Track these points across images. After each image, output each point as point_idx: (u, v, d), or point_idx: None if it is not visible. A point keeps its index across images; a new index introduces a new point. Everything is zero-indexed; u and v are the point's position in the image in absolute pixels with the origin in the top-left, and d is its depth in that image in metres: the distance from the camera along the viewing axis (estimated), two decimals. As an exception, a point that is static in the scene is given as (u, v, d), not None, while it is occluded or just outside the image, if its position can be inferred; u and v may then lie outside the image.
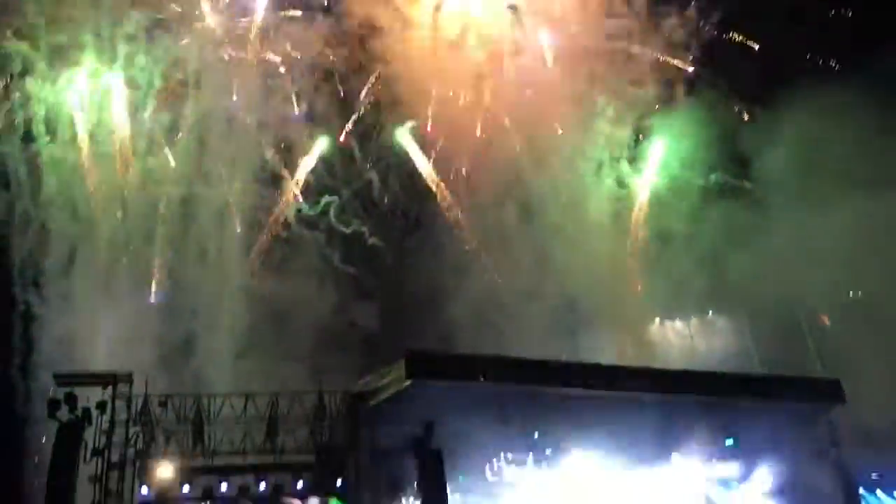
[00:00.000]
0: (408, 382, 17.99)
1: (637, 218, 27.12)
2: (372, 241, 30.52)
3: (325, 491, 18.45)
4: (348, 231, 30.71)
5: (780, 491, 20.77)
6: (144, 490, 17.20)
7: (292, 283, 27.08)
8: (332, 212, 31.12)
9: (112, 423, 16.73)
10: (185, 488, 17.47)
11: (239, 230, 28.50)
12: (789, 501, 20.77)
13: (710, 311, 26.05)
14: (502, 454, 20.01)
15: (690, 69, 29.25)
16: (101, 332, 23.60)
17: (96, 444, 16.44)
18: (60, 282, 25.63)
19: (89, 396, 16.62)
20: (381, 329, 27.08)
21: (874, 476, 22.08)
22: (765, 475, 20.73)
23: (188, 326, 24.63)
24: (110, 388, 17.02)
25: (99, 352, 22.94)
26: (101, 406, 16.54)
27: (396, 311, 27.20)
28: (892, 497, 22.50)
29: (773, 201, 25.04)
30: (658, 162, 28.11)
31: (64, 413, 16.00)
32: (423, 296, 26.61)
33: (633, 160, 28.50)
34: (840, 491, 20.29)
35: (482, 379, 18.65)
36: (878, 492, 22.19)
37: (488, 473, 20.12)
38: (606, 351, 22.75)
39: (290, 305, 25.96)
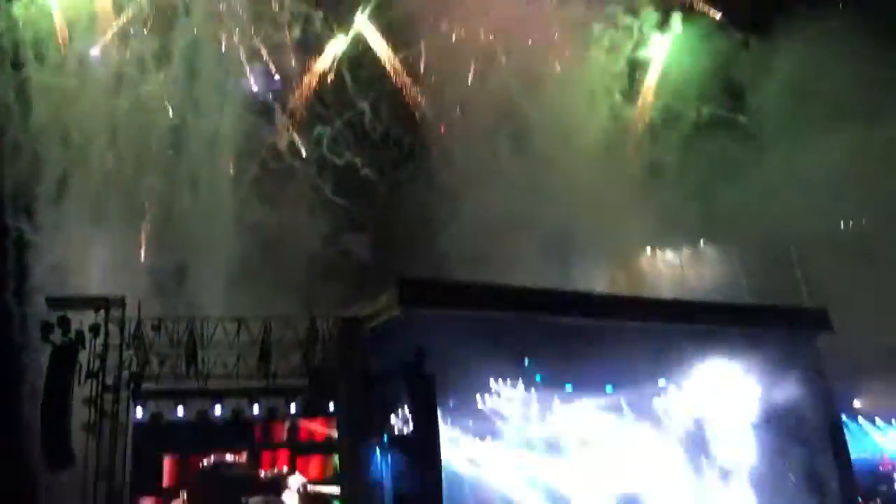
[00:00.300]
0: (399, 309, 18.06)
1: (631, 147, 27.05)
2: (364, 172, 30.44)
3: (317, 411, 18.86)
4: (340, 162, 30.58)
5: (764, 418, 21.26)
6: (139, 412, 17.50)
7: (284, 212, 27.07)
8: (324, 143, 30.96)
9: (105, 346, 16.87)
10: (179, 411, 17.75)
11: (230, 160, 28.37)
12: (773, 428, 21.27)
13: (702, 242, 26.19)
14: (493, 380, 20.34)
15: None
16: (94, 260, 23.63)
17: (90, 367, 16.61)
18: (53, 209, 25.62)
19: (82, 320, 16.75)
20: (373, 259, 27.20)
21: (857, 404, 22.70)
22: (749, 402, 21.22)
23: (180, 254, 24.70)
24: (103, 312, 17.17)
25: (92, 279, 22.98)
26: (95, 329, 16.64)
27: (389, 241, 27.26)
28: (874, 424, 23.12)
29: (766, 133, 24.96)
30: (652, 92, 27.91)
31: (57, 336, 16.10)
32: (416, 226, 26.65)
33: (626, 91, 28.30)
34: (823, 418, 20.71)
35: (474, 306, 18.74)
36: (860, 419, 22.78)
37: (478, 399, 20.48)
38: (598, 281, 22.92)
39: (281, 235, 25.99)
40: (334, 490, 18.40)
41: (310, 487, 18.28)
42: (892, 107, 23.17)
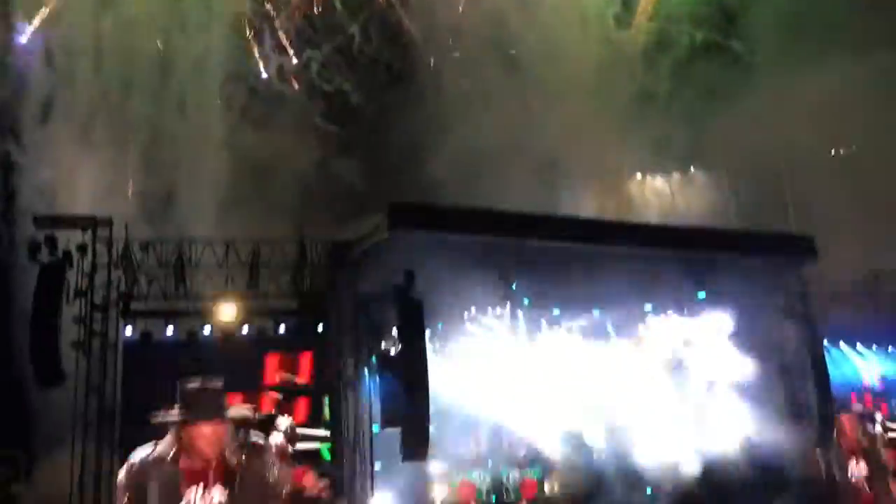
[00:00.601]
0: (388, 232, 18.03)
1: (623, 73, 26.76)
2: (354, 98, 30.12)
3: (306, 342, 19.01)
4: (330, 88, 30.22)
5: (747, 343, 21.57)
6: (128, 331, 17.65)
7: (272, 137, 26.87)
8: (313, 68, 30.53)
9: (93, 266, 16.93)
10: (169, 330, 17.91)
11: (218, 84, 28.02)
12: (756, 353, 21.61)
13: (692, 168, 26.17)
14: (481, 304, 20.52)
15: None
16: (82, 182, 23.50)
17: (78, 287, 16.69)
18: (39, 131, 25.37)
19: (69, 240, 16.75)
20: (363, 185, 27.14)
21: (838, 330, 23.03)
22: (733, 328, 21.53)
23: (168, 177, 24.60)
24: (90, 232, 17.16)
25: (80, 201, 22.88)
26: (82, 249, 16.67)
27: (378, 166, 27.16)
28: (855, 349, 23.51)
29: (759, 59, 24.69)
30: (646, 16, 27.51)
31: (44, 255, 16.13)
32: (406, 151, 26.49)
33: (620, 15, 27.89)
34: (805, 343, 20.99)
35: (462, 230, 18.73)
36: (842, 343, 23.15)
37: (466, 322, 20.70)
38: (587, 207, 22.93)
39: (270, 160, 25.83)
40: (321, 433, 18.58)
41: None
42: (886, 34, 22.94)
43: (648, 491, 21.44)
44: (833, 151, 24.83)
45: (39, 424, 20.07)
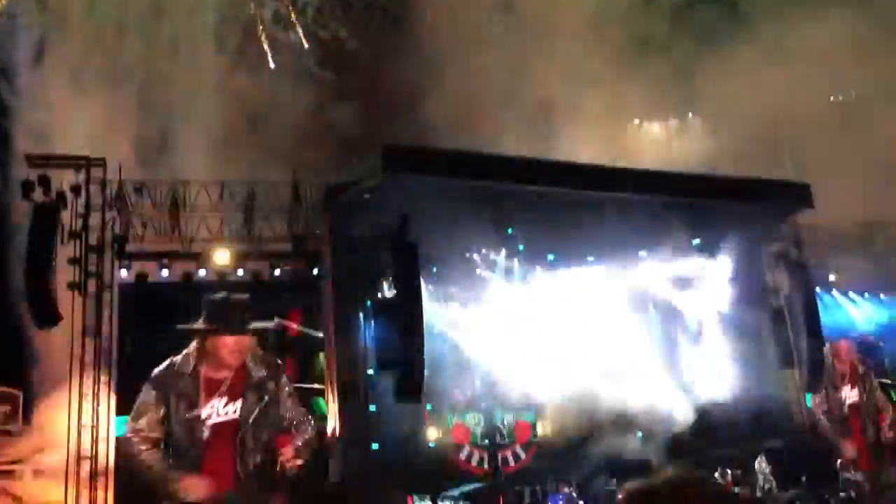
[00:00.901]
0: (384, 175, 17.94)
1: (620, 17, 26.33)
2: (351, 43, 29.76)
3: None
4: (326, 34, 29.85)
5: (740, 289, 21.72)
6: (123, 273, 17.70)
7: (268, 82, 26.61)
8: (308, 14, 30.10)
9: (87, 206, 16.90)
10: (164, 272, 17.96)
11: (212, 27, 27.65)
12: (747, 300, 21.77)
13: (690, 115, 26.03)
14: (476, 249, 20.59)
15: None
16: (76, 124, 23.27)
17: (72, 227, 16.68)
18: (31, 74, 25.07)
19: (63, 181, 16.70)
20: (358, 130, 26.93)
21: (831, 277, 23.18)
22: (726, 274, 21.65)
23: (162, 119, 24.37)
24: (84, 173, 17.10)
25: (74, 144, 22.70)
26: (76, 189, 16.63)
27: (374, 111, 26.93)
28: (847, 297, 23.68)
29: (758, 5, 24.36)
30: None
31: (38, 195, 16.09)
32: (401, 96, 26.25)
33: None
34: (798, 290, 21.09)
35: (458, 174, 18.66)
36: (834, 292, 23.31)
37: (461, 267, 20.77)
38: (584, 153, 22.76)
39: (265, 105, 25.61)
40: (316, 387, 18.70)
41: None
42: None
43: (639, 435, 21.80)
44: (832, 98, 24.69)
45: (38, 365, 20.26)
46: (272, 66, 28.60)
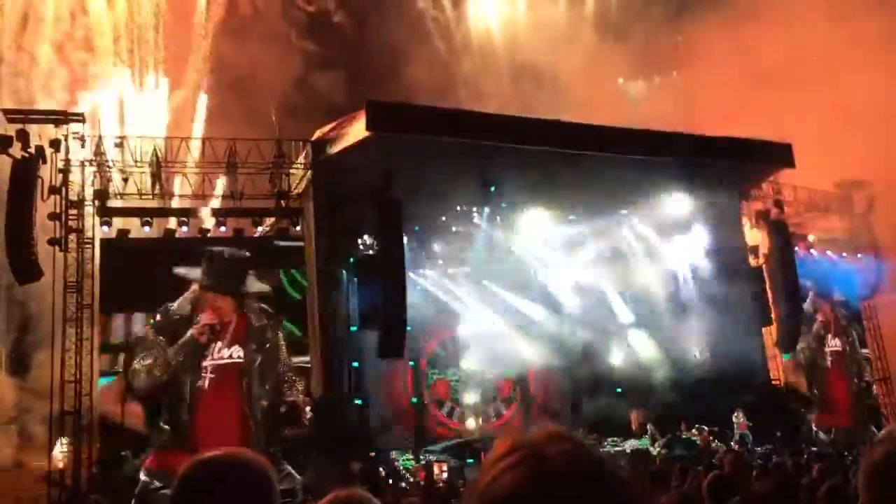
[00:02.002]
0: (367, 132, 17.87)
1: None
2: (336, 16, 29.43)
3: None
4: (311, 9, 29.52)
5: (718, 247, 21.92)
6: (105, 229, 17.54)
7: (253, 51, 26.26)
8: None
9: (67, 161, 16.69)
10: (146, 229, 17.81)
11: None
12: (727, 258, 21.98)
13: (674, 73, 25.97)
14: (458, 206, 20.61)
15: None
16: (55, 78, 22.96)
17: (52, 183, 16.49)
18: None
19: (41, 135, 16.48)
20: (343, 97, 26.72)
21: (810, 237, 23.40)
22: (706, 232, 21.83)
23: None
24: (64, 128, 16.86)
25: (53, 97, 22.43)
26: (55, 144, 16.42)
27: (358, 78, 26.71)
28: (824, 256, 23.94)
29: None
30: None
31: (16, 150, 15.88)
32: (385, 61, 26.16)
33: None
34: (776, 249, 21.32)
35: (441, 131, 18.61)
36: (812, 251, 23.54)
37: (444, 223, 20.82)
38: (567, 112, 22.71)
39: (250, 72, 25.35)
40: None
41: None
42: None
43: (618, 390, 22.13)
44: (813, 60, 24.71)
45: (25, 320, 20.16)
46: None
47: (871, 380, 23.45)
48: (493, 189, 20.05)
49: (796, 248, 22.16)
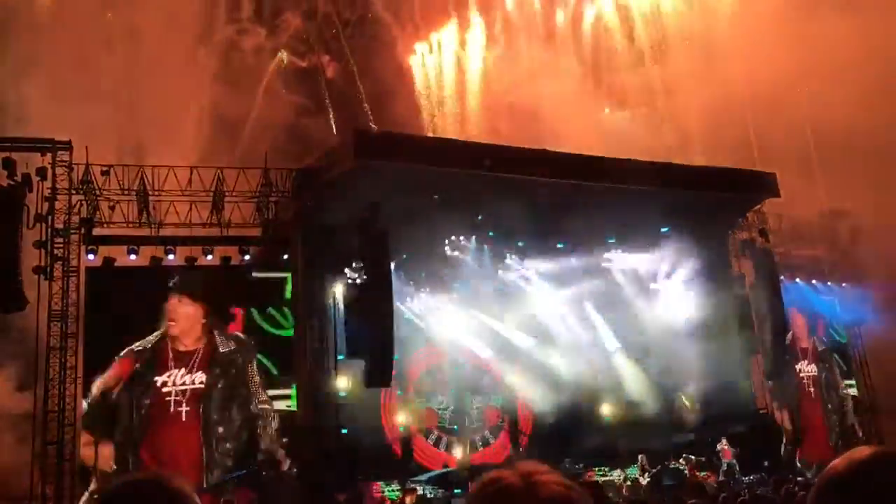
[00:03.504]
0: (354, 161, 17.95)
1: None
2: (329, 71, 29.62)
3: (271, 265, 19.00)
4: (303, 63, 29.71)
5: (705, 276, 21.98)
6: (91, 257, 17.45)
7: (243, 96, 26.32)
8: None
9: (54, 189, 16.65)
10: (132, 257, 17.71)
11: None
12: (714, 286, 22.04)
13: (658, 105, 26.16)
14: (446, 234, 20.65)
15: None
16: (42, 106, 22.88)
17: (38, 211, 16.44)
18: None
19: (28, 163, 16.45)
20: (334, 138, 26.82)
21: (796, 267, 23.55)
22: (693, 261, 21.91)
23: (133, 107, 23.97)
24: (50, 156, 16.85)
25: (40, 126, 22.33)
26: (42, 172, 16.39)
27: (347, 119, 26.86)
28: (809, 285, 24.08)
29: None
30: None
31: (2, 178, 15.84)
32: (372, 103, 26.58)
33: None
34: (762, 278, 21.46)
35: (428, 161, 18.71)
36: (797, 280, 23.68)
37: (431, 252, 20.82)
38: (555, 142, 22.86)
39: (241, 117, 25.44)
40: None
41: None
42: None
43: (606, 419, 22.09)
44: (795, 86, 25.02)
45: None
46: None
47: (848, 407, 23.55)
48: (479, 218, 20.14)
49: (781, 277, 22.28)
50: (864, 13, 21.47)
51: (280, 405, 17.73)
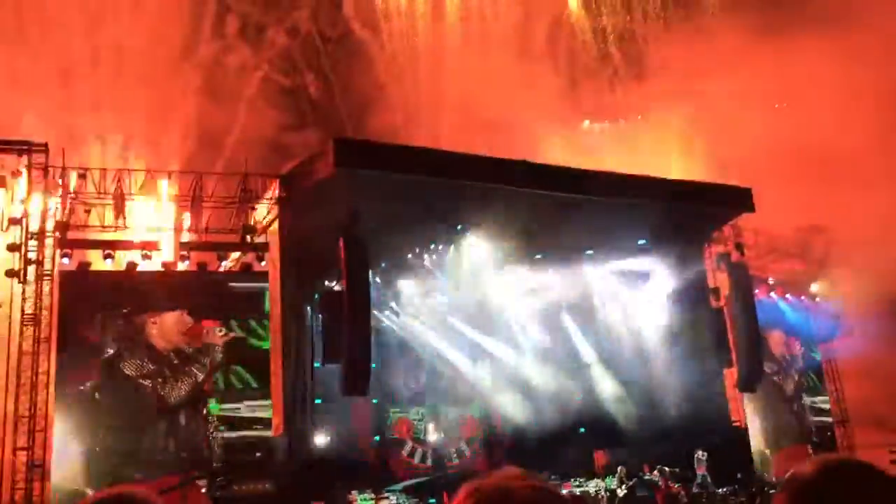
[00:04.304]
0: (334, 169, 17.89)
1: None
2: (313, 91, 29.62)
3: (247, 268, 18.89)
4: (288, 82, 29.67)
5: (680, 289, 22.15)
6: (66, 261, 17.25)
7: (226, 111, 26.21)
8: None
9: (29, 192, 16.48)
10: (108, 262, 17.54)
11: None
12: (689, 300, 22.22)
13: (640, 117, 26.39)
14: (425, 244, 20.65)
15: None
16: (18, 108, 22.65)
17: (13, 214, 16.27)
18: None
19: (3, 164, 16.29)
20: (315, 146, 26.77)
21: (771, 281, 23.80)
22: (668, 274, 22.07)
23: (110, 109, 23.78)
24: (25, 158, 16.69)
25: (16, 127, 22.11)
26: (17, 175, 16.24)
27: (331, 129, 26.85)
28: (783, 299, 24.33)
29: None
30: None
31: (-23, 180, 15.68)
32: (353, 119, 26.60)
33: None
34: (737, 292, 21.64)
35: (409, 170, 18.69)
36: (772, 294, 23.93)
37: (411, 261, 20.81)
38: (534, 153, 22.96)
39: (223, 131, 25.33)
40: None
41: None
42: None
43: (581, 430, 22.15)
44: (777, 105, 25.35)
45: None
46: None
47: (821, 421, 23.81)
48: (459, 227, 20.16)
49: (756, 291, 22.49)
50: (839, 31, 21.81)
51: (262, 414, 17.64)
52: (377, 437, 20.99)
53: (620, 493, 19.18)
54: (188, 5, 26.83)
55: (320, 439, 19.00)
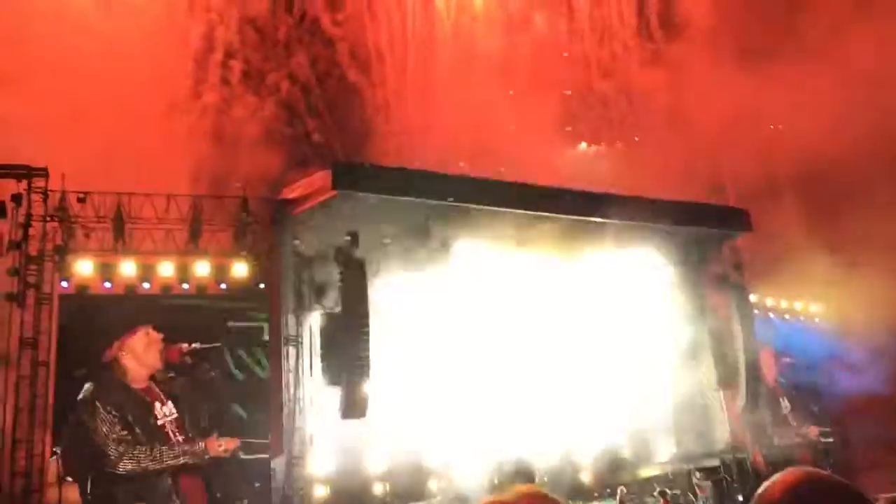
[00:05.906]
0: (333, 191, 18.00)
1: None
2: (317, 136, 29.97)
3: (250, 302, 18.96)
4: (290, 130, 29.99)
5: (679, 310, 22.12)
6: (65, 284, 17.34)
7: (228, 155, 26.45)
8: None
9: (28, 216, 16.59)
10: (107, 285, 17.64)
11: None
12: (687, 321, 22.16)
13: (635, 138, 26.63)
14: (423, 265, 20.62)
15: None
16: (17, 132, 22.79)
17: (13, 237, 16.36)
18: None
19: (3, 188, 16.40)
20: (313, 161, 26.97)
21: (769, 301, 23.87)
22: (666, 295, 22.07)
23: (109, 134, 23.94)
24: (26, 182, 16.81)
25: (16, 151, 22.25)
26: (17, 199, 16.34)
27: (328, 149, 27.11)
28: (783, 321, 24.37)
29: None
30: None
31: (-24, 205, 15.78)
32: (353, 141, 26.87)
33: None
34: (736, 311, 21.66)
35: (406, 192, 18.79)
36: (770, 315, 23.98)
37: (409, 283, 20.79)
38: (528, 174, 23.07)
39: (225, 174, 25.52)
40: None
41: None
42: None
43: (582, 452, 21.97)
44: (772, 126, 25.57)
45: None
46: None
47: (820, 443, 23.68)
48: (454, 246, 20.16)
49: (756, 312, 22.51)
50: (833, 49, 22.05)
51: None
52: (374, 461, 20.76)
53: (621, 514, 19.08)
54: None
55: (319, 468, 18.86)
